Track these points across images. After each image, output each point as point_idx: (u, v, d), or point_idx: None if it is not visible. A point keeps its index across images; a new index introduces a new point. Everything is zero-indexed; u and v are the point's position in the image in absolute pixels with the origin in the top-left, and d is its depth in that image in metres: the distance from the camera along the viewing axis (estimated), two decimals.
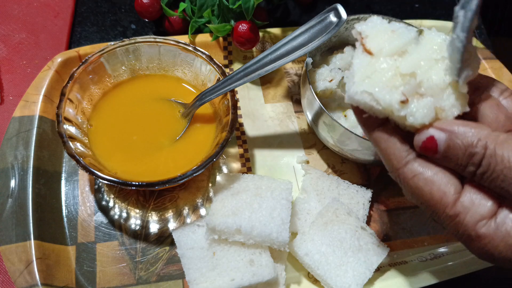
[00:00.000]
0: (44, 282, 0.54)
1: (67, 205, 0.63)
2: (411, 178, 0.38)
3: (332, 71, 0.67)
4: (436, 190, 0.37)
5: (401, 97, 0.37)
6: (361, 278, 0.55)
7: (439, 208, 0.37)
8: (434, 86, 0.37)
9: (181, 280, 0.58)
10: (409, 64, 0.38)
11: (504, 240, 0.35)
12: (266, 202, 0.56)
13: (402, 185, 0.40)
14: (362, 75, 0.38)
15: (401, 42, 0.39)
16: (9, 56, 0.76)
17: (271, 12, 0.90)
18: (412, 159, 0.38)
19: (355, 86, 0.38)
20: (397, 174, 0.39)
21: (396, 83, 0.38)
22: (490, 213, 0.35)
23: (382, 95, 0.37)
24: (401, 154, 0.39)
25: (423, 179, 0.37)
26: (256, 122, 0.73)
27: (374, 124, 0.40)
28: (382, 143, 0.40)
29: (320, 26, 0.57)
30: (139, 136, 0.64)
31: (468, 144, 0.35)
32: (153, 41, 0.65)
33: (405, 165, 0.38)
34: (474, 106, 0.39)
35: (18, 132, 0.63)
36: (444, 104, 0.37)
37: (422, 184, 0.37)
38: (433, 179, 0.37)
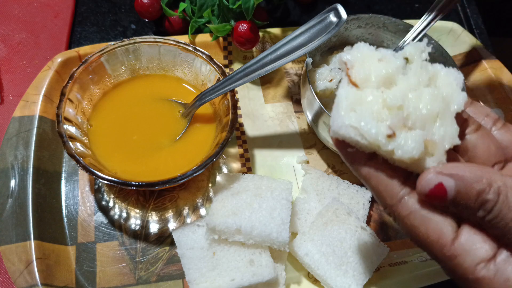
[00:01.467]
0: (44, 282, 0.54)
1: (67, 205, 0.63)
2: (406, 216, 0.36)
3: (332, 71, 0.67)
4: (432, 229, 0.35)
5: (387, 131, 0.35)
6: (361, 278, 0.55)
7: (436, 248, 0.35)
8: (423, 118, 0.36)
9: (181, 280, 0.58)
10: (396, 96, 0.36)
11: (504, 284, 0.33)
12: (266, 202, 0.56)
13: (396, 222, 0.38)
14: (347, 108, 0.37)
15: (388, 71, 0.37)
16: (9, 56, 0.76)
17: (271, 12, 0.90)
18: (406, 194, 0.36)
19: (340, 119, 0.36)
20: (391, 210, 0.37)
21: (383, 116, 0.36)
22: (489, 256, 0.34)
23: (368, 129, 0.35)
24: (394, 190, 0.37)
25: (419, 217, 0.36)
26: (256, 122, 0.73)
27: (361, 160, 0.38)
28: (372, 180, 0.38)
29: (320, 26, 0.57)
30: (139, 136, 0.64)
31: (480, 191, 0.33)
32: (153, 41, 0.65)
33: (399, 201, 0.36)
34: (464, 137, 0.38)
35: (18, 132, 0.63)
36: (435, 137, 0.36)
37: (417, 223, 0.36)
38: (430, 216, 0.35)
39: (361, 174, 0.38)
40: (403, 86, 0.37)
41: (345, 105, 0.37)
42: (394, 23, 0.70)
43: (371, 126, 0.35)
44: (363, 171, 0.38)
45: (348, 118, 0.36)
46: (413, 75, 0.37)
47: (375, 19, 0.70)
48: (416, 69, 0.37)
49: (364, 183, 0.39)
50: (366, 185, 0.39)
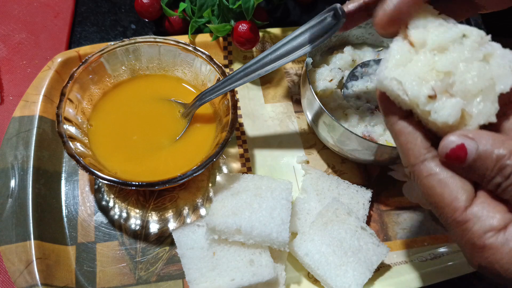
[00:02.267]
0: (44, 282, 0.54)
1: (67, 205, 0.63)
2: (426, 177, 0.37)
3: (332, 71, 0.67)
4: (448, 193, 0.36)
5: (429, 91, 0.36)
6: (361, 278, 0.55)
7: (448, 211, 0.36)
8: (466, 90, 0.36)
9: (181, 280, 0.58)
10: (447, 62, 0.37)
11: (510, 254, 0.34)
12: (266, 202, 0.56)
13: (415, 182, 0.39)
14: (396, 62, 0.38)
15: (446, 37, 0.38)
16: (9, 56, 0.76)
17: (271, 12, 0.90)
18: (430, 157, 0.37)
19: (386, 71, 0.38)
20: (412, 170, 0.38)
21: (429, 78, 0.37)
22: (501, 226, 0.35)
23: (411, 86, 0.36)
24: (420, 150, 0.38)
25: (437, 180, 0.37)
26: (256, 122, 0.73)
27: (397, 115, 0.40)
28: (402, 137, 0.39)
29: (320, 26, 0.57)
30: (139, 136, 0.64)
31: (500, 156, 0.34)
32: (153, 41, 0.65)
33: (422, 162, 0.37)
34: (499, 118, 0.38)
35: (18, 132, 0.63)
36: (473, 110, 0.36)
37: (435, 184, 0.37)
38: (448, 181, 0.36)
39: (394, 129, 0.40)
40: (456, 54, 0.37)
41: (395, 59, 0.38)
42: None
43: (415, 84, 0.36)
44: (397, 126, 0.39)
45: (394, 72, 0.37)
46: (468, 48, 0.37)
47: None
48: (473, 43, 0.38)
49: (394, 139, 0.40)
50: (395, 141, 0.40)
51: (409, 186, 0.69)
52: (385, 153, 0.60)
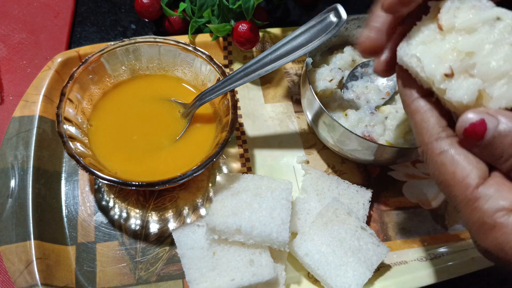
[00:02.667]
0: (44, 282, 0.54)
1: (67, 205, 0.63)
2: (438, 154, 0.37)
3: (332, 71, 0.67)
4: (460, 170, 0.35)
5: (446, 70, 0.36)
6: (361, 278, 0.55)
7: (459, 189, 0.35)
8: (489, 72, 0.35)
9: (181, 280, 0.58)
10: (470, 43, 0.36)
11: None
12: (266, 202, 0.56)
13: (426, 161, 0.38)
14: (419, 40, 0.37)
15: (477, 20, 0.36)
16: (9, 56, 0.76)
17: (271, 12, 0.90)
18: (444, 136, 0.37)
19: (407, 47, 0.37)
20: (426, 148, 0.38)
21: (449, 57, 0.36)
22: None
23: (428, 63, 0.36)
24: (434, 129, 0.37)
25: (450, 157, 0.36)
26: (256, 122, 0.73)
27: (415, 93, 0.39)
28: (417, 115, 0.38)
29: (320, 26, 0.57)
30: (139, 136, 0.64)
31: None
32: (153, 41, 0.65)
33: (436, 140, 0.37)
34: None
35: (18, 132, 0.63)
36: (494, 92, 0.35)
37: (447, 161, 0.36)
38: (460, 159, 0.36)
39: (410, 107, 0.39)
40: (483, 35, 0.36)
41: (419, 37, 0.37)
42: None
43: (432, 61, 0.36)
44: (413, 104, 0.39)
45: (415, 49, 0.37)
46: (499, 30, 0.36)
47: None
48: (506, 26, 0.36)
49: (409, 118, 0.39)
50: (410, 120, 0.39)
51: (409, 186, 0.69)
52: (385, 153, 0.60)
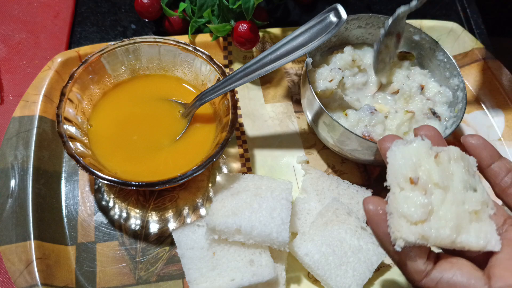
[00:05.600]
0: (44, 282, 0.54)
1: (67, 205, 0.63)
2: (435, 286, 0.39)
3: (332, 71, 0.67)
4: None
5: (414, 176, 0.40)
6: (361, 278, 0.55)
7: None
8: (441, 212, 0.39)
9: (181, 280, 0.58)
10: (440, 176, 0.40)
11: None
12: (266, 202, 0.56)
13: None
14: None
15: (439, 177, 0.40)
16: (9, 56, 0.76)
17: (271, 12, 0.90)
18: (431, 269, 0.40)
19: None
20: (420, 285, 0.40)
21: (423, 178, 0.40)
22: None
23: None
24: (420, 268, 0.40)
25: (446, 282, 0.39)
26: (256, 122, 0.73)
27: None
28: (402, 261, 0.41)
29: (320, 26, 0.57)
30: (139, 136, 0.64)
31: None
32: (153, 41, 0.65)
33: (425, 276, 0.40)
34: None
35: (18, 132, 0.63)
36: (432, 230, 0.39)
37: (446, 287, 0.39)
38: (456, 279, 0.38)
39: (394, 257, 0.42)
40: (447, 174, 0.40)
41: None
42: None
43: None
44: (399, 256, 0.41)
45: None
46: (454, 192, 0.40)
47: (375, 19, 0.70)
48: (457, 186, 0.40)
49: (396, 264, 0.42)
50: (397, 265, 0.42)
51: None
52: None
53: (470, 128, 0.76)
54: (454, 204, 0.39)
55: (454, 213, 0.39)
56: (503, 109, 0.76)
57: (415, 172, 0.40)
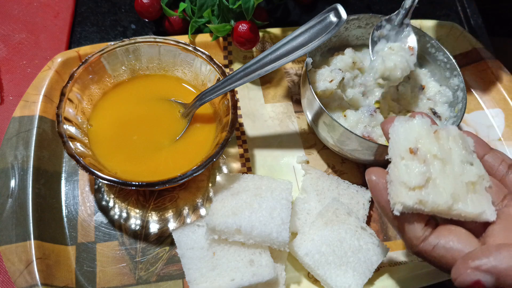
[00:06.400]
0: (44, 282, 0.54)
1: (67, 205, 0.63)
2: (432, 250, 0.41)
3: (332, 71, 0.67)
4: (458, 253, 0.39)
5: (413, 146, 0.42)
6: (361, 278, 0.55)
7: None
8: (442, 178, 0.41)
9: (181, 280, 0.58)
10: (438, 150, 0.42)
11: None
12: (266, 202, 0.56)
13: (425, 259, 0.42)
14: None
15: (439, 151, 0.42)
16: (9, 56, 0.76)
17: (271, 12, 0.90)
18: (429, 234, 0.41)
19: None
20: (418, 250, 0.42)
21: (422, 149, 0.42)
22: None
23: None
24: (418, 233, 0.41)
25: (443, 248, 0.40)
26: (256, 122, 0.73)
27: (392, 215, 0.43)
28: (401, 227, 0.43)
29: (320, 26, 0.57)
30: (139, 136, 0.64)
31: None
32: (153, 41, 0.65)
33: (423, 241, 0.41)
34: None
35: (18, 132, 0.63)
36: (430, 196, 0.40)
37: (443, 252, 0.40)
38: (452, 244, 0.40)
39: (394, 223, 0.44)
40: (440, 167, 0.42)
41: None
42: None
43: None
44: (394, 222, 0.44)
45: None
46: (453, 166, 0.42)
47: (375, 19, 0.70)
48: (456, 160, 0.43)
49: (396, 230, 0.44)
50: (397, 231, 0.44)
51: None
52: (385, 153, 0.60)
53: (470, 128, 0.76)
54: (452, 174, 0.41)
55: (452, 182, 0.41)
56: (503, 109, 0.76)
57: (415, 144, 0.42)
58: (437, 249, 0.40)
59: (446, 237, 0.40)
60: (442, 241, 0.40)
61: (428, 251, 0.41)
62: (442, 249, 0.40)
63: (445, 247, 0.40)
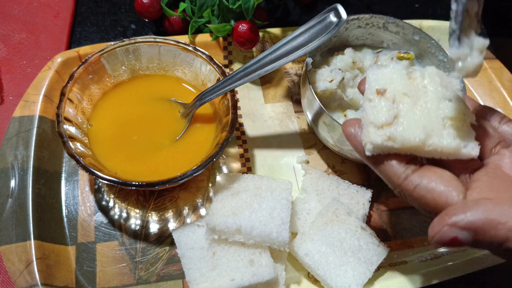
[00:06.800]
0: (44, 282, 0.54)
1: (67, 205, 0.63)
2: (414, 190, 0.39)
3: (332, 71, 0.67)
4: (439, 195, 0.38)
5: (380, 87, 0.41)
6: (361, 278, 0.55)
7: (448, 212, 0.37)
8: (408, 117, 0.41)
9: (181, 280, 0.58)
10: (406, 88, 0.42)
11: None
12: (266, 202, 0.56)
13: (406, 199, 0.41)
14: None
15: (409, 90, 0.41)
16: (9, 56, 0.76)
17: (271, 12, 0.90)
18: (411, 172, 0.40)
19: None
20: (400, 189, 0.41)
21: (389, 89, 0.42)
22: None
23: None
24: (399, 170, 0.40)
25: (424, 188, 0.39)
26: (256, 122, 0.73)
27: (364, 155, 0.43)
28: (381, 165, 0.42)
29: (320, 26, 0.57)
30: (139, 136, 0.64)
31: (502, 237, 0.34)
32: (153, 41, 0.65)
33: (404, 179, 0.40)
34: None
35: (18, 132, 0.63)
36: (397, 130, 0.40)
37: (424, 192, 0.39)
38: (434, 186, 0.38)
39: (371, 163, 0.43)
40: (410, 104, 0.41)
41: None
42: (394, 23, 0.70)
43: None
44: (370, 160, 0.43)
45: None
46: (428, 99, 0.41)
47: (375, 19, 0.70)
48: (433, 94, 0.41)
49: (375, 170, 0.43)
50: (377, 171, 0.43)
51: None
52: None
53: None
54: (425, 110, 0.40)
55: (424, 118, 0.40)
56: (503, 109, 0.76)
57: (383, 86, 0.42)
58: (419, 189, 0.39)
59: (429, 177, 0.39)
60: (424, 181, 0.39)
61: (409, 190, 0.40)
62: (423, 189, 0.39)
63: (427, 188, 0.39)
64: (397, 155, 0.41)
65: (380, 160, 0.41)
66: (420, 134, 0.39)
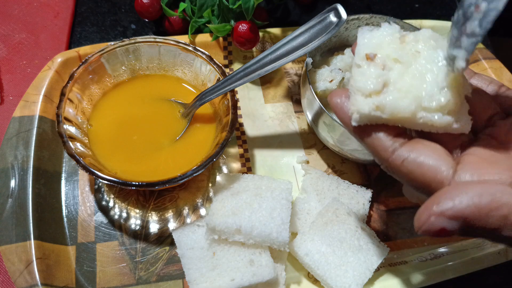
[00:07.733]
0: (44, 282, 0.54)
1: (67, 205, 0.63)
2: (401, 164, 0.37)
3: (332, 71, 0.67)
4: (428, 169, 0.35)
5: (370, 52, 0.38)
6: (361, 278, 0.55)
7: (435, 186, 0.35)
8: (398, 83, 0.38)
9: (181, 280, 0.58)
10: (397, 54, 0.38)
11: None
12: (266, 202, 0.56)
13: (394, 174, 0.39)
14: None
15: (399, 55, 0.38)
16: (9, 56, 0.76)
17: (271, 12, 0.90)
18: (398, 146, 0.37)
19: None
20: (387, 164, 0.38)
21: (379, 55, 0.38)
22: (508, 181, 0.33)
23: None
24: (387, 143, 0.38)
25: (412, 161, 0.36)
26: (256, 122, 0.73)
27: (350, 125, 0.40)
28: (367, 138, 0.39)
29: (320, 26, 0.57)
30: (139, 136, 0.64)
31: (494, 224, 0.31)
32: (153, 41, 0.65)
33: (392, 153, 0.37)
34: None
35: (18, 132, 0.63)
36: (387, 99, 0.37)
37: (413, 167, 0.36)
38: (423, 159, 0.36)
39: (357, 135, 0.40)
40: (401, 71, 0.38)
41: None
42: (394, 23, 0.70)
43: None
44: (356, 131, 0.40)
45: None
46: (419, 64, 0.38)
47: (375, 19, 0.70)
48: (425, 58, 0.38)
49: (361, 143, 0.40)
50: (364, 144, 0.40)
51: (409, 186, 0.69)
52: None
53: None
54: (417, 77, 0.37)
55: (416, 85, 0.36)
56: None
57: (373, 51, 0.38)
58: (406, 163, 0.36)
59: (417, 151, 0.36)
60: (412, 155, 0.36)
61: (397, 165, 0.37)
62: (411, 163, 0.36)
63: (415, 162, 0.36)
64: (385, 127, 0.38)
65: (367, 132, 0.38)
66: (410, 104, 0.36)
